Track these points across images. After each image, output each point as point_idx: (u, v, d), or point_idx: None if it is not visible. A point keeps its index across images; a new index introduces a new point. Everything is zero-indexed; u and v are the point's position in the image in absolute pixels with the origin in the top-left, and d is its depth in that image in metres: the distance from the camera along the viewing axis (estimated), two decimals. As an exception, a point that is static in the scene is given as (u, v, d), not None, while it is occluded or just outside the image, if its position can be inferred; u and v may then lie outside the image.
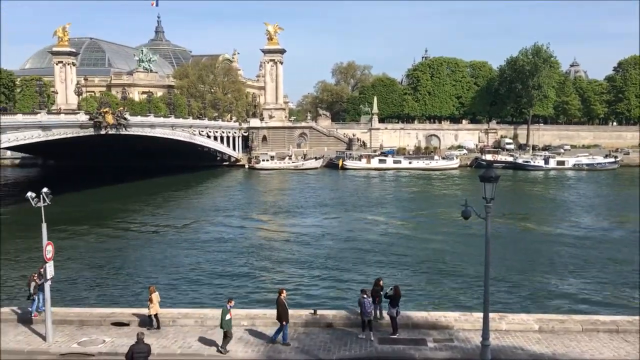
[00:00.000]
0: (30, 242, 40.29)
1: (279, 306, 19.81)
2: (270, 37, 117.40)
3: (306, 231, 47.87)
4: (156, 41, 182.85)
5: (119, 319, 21.99)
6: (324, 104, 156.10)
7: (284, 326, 19.78)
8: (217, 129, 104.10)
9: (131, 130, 75.93)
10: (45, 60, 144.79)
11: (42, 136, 60.22)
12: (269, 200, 67.32)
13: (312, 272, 34.65)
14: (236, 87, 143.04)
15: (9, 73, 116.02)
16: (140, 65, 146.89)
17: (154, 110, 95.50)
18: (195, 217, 54.84)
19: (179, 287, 31.66)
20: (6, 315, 22.62)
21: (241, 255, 38.93)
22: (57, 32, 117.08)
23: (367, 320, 20.27)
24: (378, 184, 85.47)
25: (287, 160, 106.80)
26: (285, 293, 20.58)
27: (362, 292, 20.53)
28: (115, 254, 39.87)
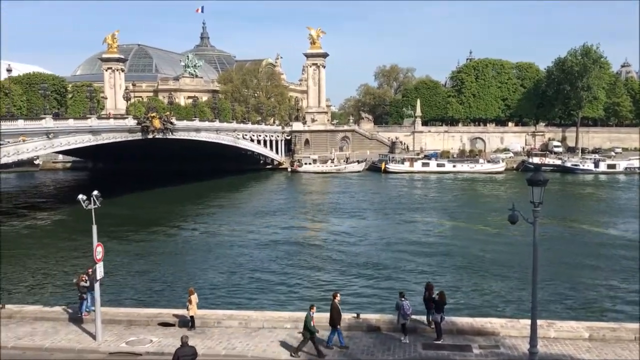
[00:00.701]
0: (80, 244, 41.56)
1: (333, 310, 19.76)
2: (312, 41, 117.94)
3: (348, 234, 47.82)
4: (201, 47, 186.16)
5: (166, 320, 22.42)
6: (366, 107, 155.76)
7: (338, 330, 19.75)
8: (261, 132, 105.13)
9: (177, 134, 77.47)
10: (95, 66, 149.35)
11: (92, 140, 62.04)
12: (310, 204, 67.54)
13: (354, 276, 34.55)
14: (279, 91, 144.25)
15: (61, 79, 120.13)
16: (186, 70, 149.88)
17: (199, 115, 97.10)
18: (238, 219, 55.48)
19: (222, 288, 32.07)
20: (57, 314, 23.39)
21: (283, 258, 39.17)
22: (107, 39, 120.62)
23: (403, 323, 20.30)
24: (421, 187, 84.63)
25: (329, 163, 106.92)
26: (339, 297, 20.57)
27: (400, 295, 20.56)
28: (160, 256, 40.72)
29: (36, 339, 20.72)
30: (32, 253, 41.54)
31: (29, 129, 52.72)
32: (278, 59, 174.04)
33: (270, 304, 28.69)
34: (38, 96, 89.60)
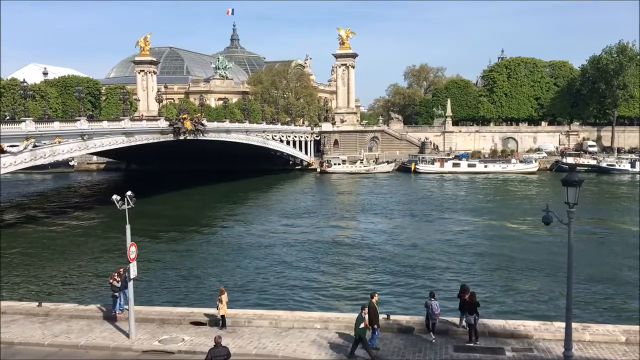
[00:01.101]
0: (114, 243, 42.34)
1: (370, 310, 19.74)
2: (342, 41, 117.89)
3: (377, 235, 47.68)
4: (231, 49, 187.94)
5: (197, 319, 22.67)
6: (396, 107, 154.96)
7: (375, 330, 19.71)
8: (290, 133, 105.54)
9: (208, 135, 78.32)
10: (128, 69, 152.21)
11: (126, 142, 63.13)
12: (339, 204, 67.49)
13: (384, 277, 34.42)
14: (308, 92, 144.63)
15: (95, 82, 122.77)
16: (217, 72, 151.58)
17: (229, 116, 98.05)
18: (267, 219, 55.80)
19: (252, 288, 32.29)
20: (92, 312, 23.87)
21: (312, 258, 39.24)
22: (139, 42, 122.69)
23: (432, 323, 20.35)
24: (452, 188, 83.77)
25: (358, 164, 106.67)
26: (377, 297, 20.53)
27: (430, 295, 20.58)
28: (191, 255, 41.21)
29: (72, 337, 21.17)
30: (68, 252, 42.48)
31: (64, 131, 53.91)
32: (307, 60, 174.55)
33: (300, 304, 28.78)
34: (73, 99, 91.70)
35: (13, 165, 48.22)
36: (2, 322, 22.74)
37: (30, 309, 24.23)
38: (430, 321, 20.43)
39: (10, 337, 21.08)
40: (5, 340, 20.92)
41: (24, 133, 48.63)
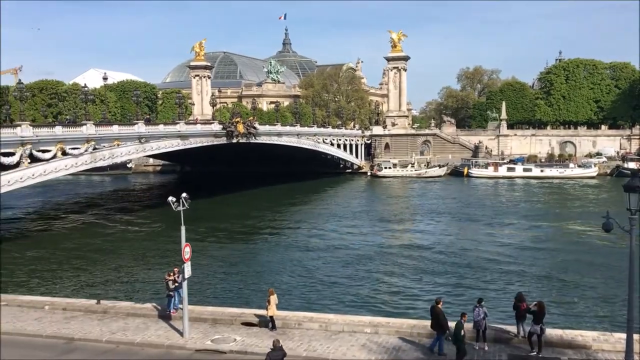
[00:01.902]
0: (169, 243, 43.39)
1: (437, 315, 19.57)
2: (394, 44, 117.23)
3: (427, 240, 47.10)
4: (283, 53, 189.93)
5: (248, 320, 22.96)
6: (448, 110, 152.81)
7: (440, 336, 19.52)
8: (340, 136, 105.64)
9: (260, 138, 79.34)
10: (183, 74, 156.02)
11: (181, 145, 64.70)
12: (389, 208, 67.04)
13: (434, 282, 33.98)
14: (359, 95, 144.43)
15: (152, 86, 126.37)
16: (269, 76, 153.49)
17: (281, 120, 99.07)
18: (317, 222, 56.00)
19: (302, 290, 32.45)
20: (148, 310, 24.54)
21: (360, 262, 39.13)
22: (195, 47, 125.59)
23: (479, 330, 19.95)
24: (506, 193, 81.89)
25: (409, 167, 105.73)
26: (442, 303, 20.35)
27: (477, 302, 20.27)
28: (243, 256, 41.80)
29: (128, 334, 21.82)
30: (124, 251, 43.87)
31: (122, 134, 55.70)
32: (359, 63, 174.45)
33: (349, 307, 28.72)
34: (131, 103, 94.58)
35: (74, 167, 50.13)
36: (62, 318, 23.66)
37: (90, 306, 25.11)
38: (479, 329, 20.03)
39: (71, 333, 21.91)
40: (66, 335, 21.76)
41: (84, 136, 50.54)
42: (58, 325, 22.79)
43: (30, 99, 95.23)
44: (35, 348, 20.51)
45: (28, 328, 22.48)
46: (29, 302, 26.05)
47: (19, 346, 20.77)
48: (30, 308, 25.11)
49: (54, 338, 21.57)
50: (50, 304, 25.51)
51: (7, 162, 42.92)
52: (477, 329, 20.11)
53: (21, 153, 43.96)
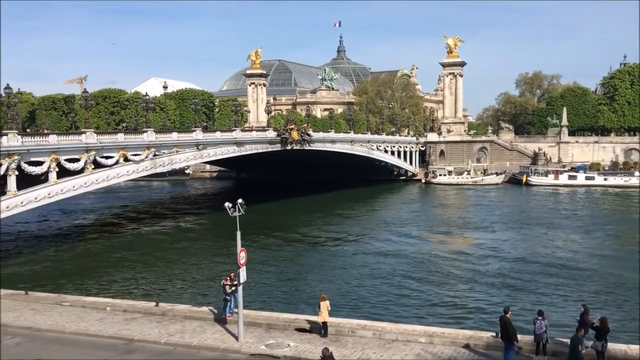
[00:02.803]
0: (225, 248, 44.14)
1: (506, 325, 19.16)
2: (449, 50, 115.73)
3: (481, 248, 46.14)
4: (338, 60, 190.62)
5: (302, 326, 23.05)
6: (506, 116, 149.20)
7: (510, 347, 19.13)
8: (395, 143, 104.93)
9: (314, 145, 79.75)
10: (239, 82, 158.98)
11: (237, 151, 65.81)
12: (443, 216, 66.03)
13: (490, 293, 33.17)
14: (414, 102, 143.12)
15: (210, 94, 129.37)
16: (323, 83, 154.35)
17: (335, 127, 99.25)
18: (370, 229, 55.79)
19: (355, 297, 32.34)
20: (204, 314, 25.02)
21: (414, 270, 38.70)
22: (251, 56, 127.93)
23: (539, 343, 19.43)
24: (567, 202, 79.21)
25: (465, 175, 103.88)
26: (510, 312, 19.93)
27: (538, 314, 19.75)
28: (297, 262, 42.10)
29: (185, 337, 22.29)
30: (182, 255, 44.93)
31: (181, 141, 57.17)
32: (413, 70, 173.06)
33: (403, 316, 28.41)
34: (189, 110, 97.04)
35: (135, 172, 51.80)
36: (123, 320, 24.42)
37: (149, 309, 25.82)
38: (540, 342, 19.47)
39: (131, 334, 22.58)
40: (126, 336, 22.44)
41: (145, 143, 52.16)
42: (119, 326, 23.53)
43: (95, 107, 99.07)
44: (97, 348, 21.23)
45: (91, 328, 23.31)
46: (91, 303, 27.03)
47: (82, 346, 21.57)
48: (92, 309, 26.05)
49: (115, 339, 22.28)
50: (111, 306, 26.40)
51: (72, 167, 44.77)
52: (538, 341, 19.60)
53: (86, 159, 45.77)
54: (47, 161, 42.76)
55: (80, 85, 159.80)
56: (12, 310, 25.77)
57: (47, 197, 43.04)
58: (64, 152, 44.40)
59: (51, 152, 43.18)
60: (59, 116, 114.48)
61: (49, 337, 22.61)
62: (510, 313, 19.72)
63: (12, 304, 26.87)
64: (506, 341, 19.10)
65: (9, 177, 40.00)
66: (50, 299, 27.78)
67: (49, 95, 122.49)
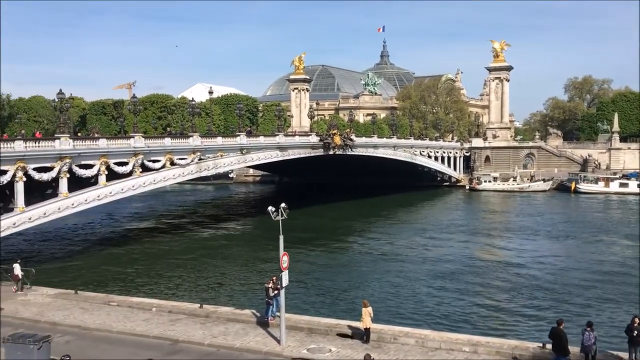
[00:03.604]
0: (267, 251, 44.48)
1: (560, 337, 18.76)
2: (496, 54, 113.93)
3: (528, 257, 45.07)
4: (381, 65, 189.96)
5: (343, 331, 22.98)
6: (554, 122, 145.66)
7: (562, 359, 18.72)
8: (438, 149, 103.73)
9: (356, 150, 79.61)
10: (283, 87, 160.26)
11: (280, 156, 66.30)
12: (489, 223, 64.80)
13: (534, 302, 32.41)
14: (458, 107, 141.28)
15: (254, 100, 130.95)
16: (366, 88, 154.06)
17: (377, 132, 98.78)
18: (412, 235, 55.24)
19: (397, 303, 32.07)
20: (247, 316, 25.25)
21: (456, 277, 38.18)
22: (294, 61, 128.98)
23: (588, 354, 18.88)
24: (617, 210, 76.59)
25: (511, 181, 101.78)
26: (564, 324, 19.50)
27: (587, 325, 19.18)
28: (339, 267, 42.05)
29: (228, 339, 22.53)
30: (226, 258, 45.54)
31: (225, 146, 57.95)
32: (458, 74, 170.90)
33: (445, 324, 28.00)
34: (234, 115, 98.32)
35: (181, 176, 52.78)
36: (168, 320, 24.86)
37: (193, 310, 26.23)
38: (588, 353, 18.90)
39: (175, 335, 22.97)
40: (171, 337, 22.84)
41: (191, 147, 53.13)
42: (164, 326, 23.98)
43: (143, 112, 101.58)
44: (143, 347, 21.68)
45: (137, 328, 23.83)
46: (138, 303, 27.65)
47: (128, 345, 22.06)
48: (139, 309, 26.63)
49: (160, 339, 22.70)
50: (157, 306, 26.93)
51: (120, 171, 45.98)
52: (586, 353, 19.01)
53: (134, 163, 46.93)
54: (97, 164, 44.05)
55: (129, 90, 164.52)
56: (62, 309, 26.60)
57: (97, 200, 44.31)
58: (113, 155, 45.65)
59: (101, 155, 44.47)
60: (109, 121, 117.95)
61: (97, 336, 23.22)
62: (563, 324, 19.17)
63: (62, 302, 27.74)
64: (559, 353, 18.58)
65: (61, 180, 41.37)
66: (99, 299, 28.55)
67: (99, 100, 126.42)
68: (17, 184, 38.53)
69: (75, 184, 42.69)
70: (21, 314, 25.77)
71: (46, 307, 26.90)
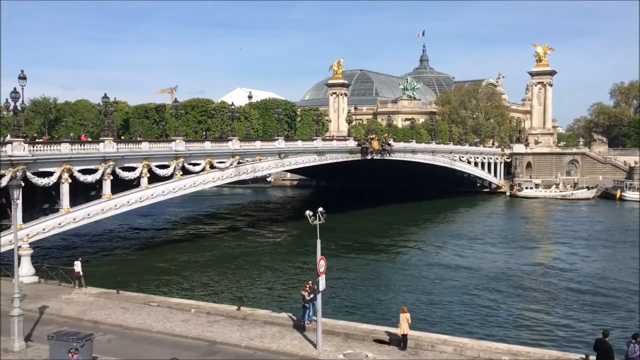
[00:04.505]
0: (304, 255, 44.63)
1: (607, 350, 18.27)
2: (539, 58, 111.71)
3: (568, 266, 44.07)
4: (420, 69, 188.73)
5: (380, 337, 22.81)
6: (599, 128, 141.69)
7: None
8: (478, 154, 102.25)
9: (394, 155, 79.16)
10: (321, 91, 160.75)
11: (317, 160, 66.49)
12: (529, 231, 63.45)
13: (574, 312, 31.72)
14: (499, 112, 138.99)
15: (292, 104, 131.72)
16: (405, 93, 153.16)
17: (416, 137, 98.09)
18: (452, 242, 54.54)
19: (434, 310, 31.77)
20: (284, 320, 25.31)
21: (497, 286, 37.54)
22: (333, 66, 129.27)
23: None
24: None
25: (553, 188, 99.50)
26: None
27: (632, 337, 18.53)
28: (374, 272, 41.89)
29: (265, 341, 22.63)
30: (262, 261, 45.86)
31: (264, 150, 58.48)
32: (499, 79, 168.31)
33: (480, 331, 27.56)
34: (272, 120, 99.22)
35: (220, 179, 53.48)
36: (206, 322, 25.15)
37: (231, 312, 26.46)
38: None
39: (213, 336, 23.21)
40: (209, 338, 23.08)
41: (230, 151, 53.78)
42: (202, 328, 24.26)
43: (184, 116, 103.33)
44: (181, 348, 21.98)
45: (176, 329, 24.18)
46: (177, 304, 28.06)
47: (167, 345, 22.39)
48: (178, 310, 27.03)
49: (198, 340, 22.98)
50: (196, 307, 27.28)
51: (162, 173, 46.89)
52: None
53: (175, 166, 47.79)
54: (140, 167, 45.02)
55: (170, 95, 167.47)
56: (104, 308, 27.21)
57: (139, 201, 45.27)
58: (155, 158, 46.60)
59: (143, 158, 45.46)
60: (151, 124, 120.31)
61: (138, 336, 23.66)
62: (609, 337, 18.60)
63: (105, 302, 28.38)
64: None
65: (104, 182, 42.43)
66: (140, 299, 29.09)
67: (142, 104, 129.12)
68: (63, 185, 39.70)
69: (117, 185, 43.72)
70: (65, 312, 26.45)
71: (89, 306, 27.56)
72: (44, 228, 38.59)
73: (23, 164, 37.11)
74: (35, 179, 37.86)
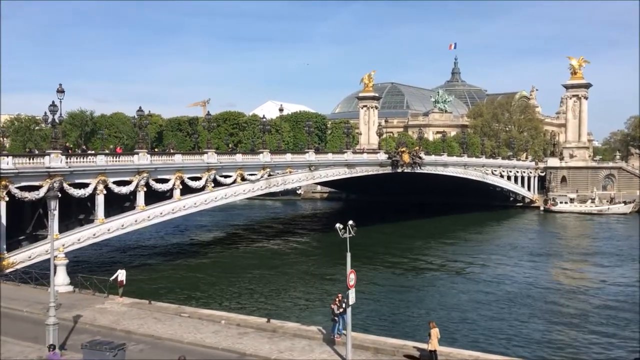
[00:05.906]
0: (333, 268, 44.49)
1: None
2: (573, 71, 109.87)
3: (606, 282, 43.27)
4: (452, 82, 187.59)
5: (410, 352, 22.53)
6: (636, 141, 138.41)
7: None
8: (511, 168, 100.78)
9: (425, 168, 78.63)
10: (352, 104, 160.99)
11: (347, 173, 66.47)
12: (564, 246, 62.10)
13: (614, 330, 30.76)
14: (533, 125, 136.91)
15: (322, 117, 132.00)
16: (436, 106, 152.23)
17: (447, 150, 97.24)
18: (483, 257, 53.79)
19: (465, 326, 31.26)
20: (313, 333, 25.23)
21: (527, 302, 37.07)
22: (364, 79, 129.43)
23: None
24: None
25: (589, 203, 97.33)
26: None
27: None
28: (403, 286, 41.47)
29: (295, 354, 22.57)
30: (292, 273, 45.95)
31: (294, 162, 58.74)
32: (533, 92, 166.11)
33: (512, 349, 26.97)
34: (303, 132, 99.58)
35: (251, 191, 53.88)
36: (237, 334, 25.24)
37: (260, 324, 26.51)
38: None
39: (243, 348, 23.26)
40: (239, 350, 23.13)
41: (261, 163, 54.18)
42: (232, 339, 24.34)
43: (216, 128, 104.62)
44: (212, 359, 22.06)
45: (207, 340, 24.31)
46: (208, 315, 28.25)
47: (198, 356, 22.51)
48: (209, 321, 27.19)
49: (229, 351, 23.05)
50: (226, 319, 27.41)
51: (194, 185, 47.50)
52: None
53: (206, 178, 48.36)
54: (172, 179, 45.70)
55: (203, 108, 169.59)
56: (137, 318, 27.56)
57: (171, 213, 45.92)
58: (187, 170, 47.26)
59: (176, 170, 46.15)
60: (184, 137, 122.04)
61: (169, 346, 23.85)
62: None
63: (137, 312, 28.75)
64: None
65: (138, 193, 43.19)
66: (171, 310, 29.37)
67: (175, 117, 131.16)
68: (98, 196, 40.55)
69: (151, 197, 44.43)
70: (98, 321, 26.87)
71: (122, 315, 27.95)
72: (79, 238, 39.45)
73: (60, 175, 38.07)
74: (72, 190, 38.78)
